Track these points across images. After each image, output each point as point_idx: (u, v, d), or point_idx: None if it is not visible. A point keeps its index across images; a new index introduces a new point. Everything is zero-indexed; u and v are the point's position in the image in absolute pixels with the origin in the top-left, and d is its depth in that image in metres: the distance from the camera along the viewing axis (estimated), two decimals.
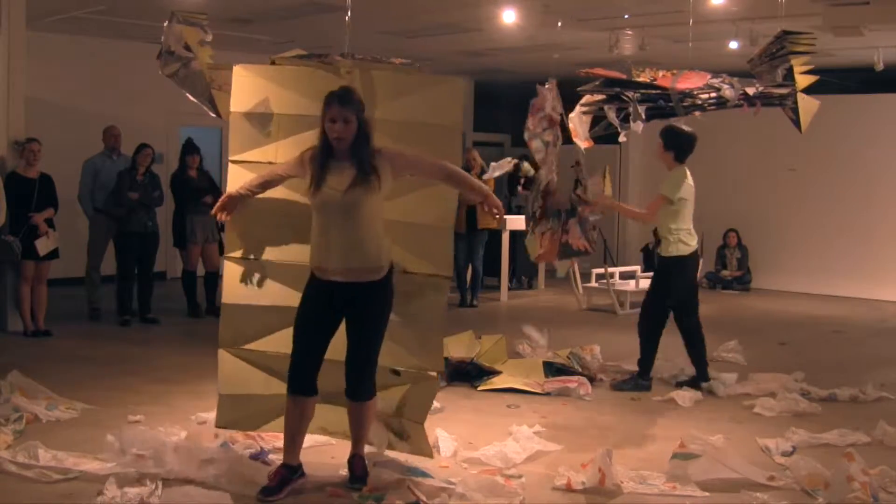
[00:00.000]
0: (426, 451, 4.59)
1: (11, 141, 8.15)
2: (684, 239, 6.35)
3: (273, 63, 4.76)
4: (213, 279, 9.31)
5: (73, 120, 10.82)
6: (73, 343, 7.83)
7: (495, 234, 10.76)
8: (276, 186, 4.47)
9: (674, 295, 6.46)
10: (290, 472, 4.26)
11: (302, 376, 4.22)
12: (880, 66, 10.33)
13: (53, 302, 8.44)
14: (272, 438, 4.84)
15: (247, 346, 4.60)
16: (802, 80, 5.90)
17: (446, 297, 4.59)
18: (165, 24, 4.95)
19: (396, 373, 4.56)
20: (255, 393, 4.64)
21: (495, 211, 4.35)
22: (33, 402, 5.48)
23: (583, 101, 6.50)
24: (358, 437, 4.40)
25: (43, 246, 7.99)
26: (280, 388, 4.40)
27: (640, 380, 6.50)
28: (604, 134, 6.69)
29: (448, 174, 4.35)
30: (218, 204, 4.51)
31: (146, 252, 8.82)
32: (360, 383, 4.28)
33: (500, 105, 15.44)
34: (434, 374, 4.56)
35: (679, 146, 6.39)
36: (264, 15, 9.77)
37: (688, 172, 6.40)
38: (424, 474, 4.39)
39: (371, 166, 4.15)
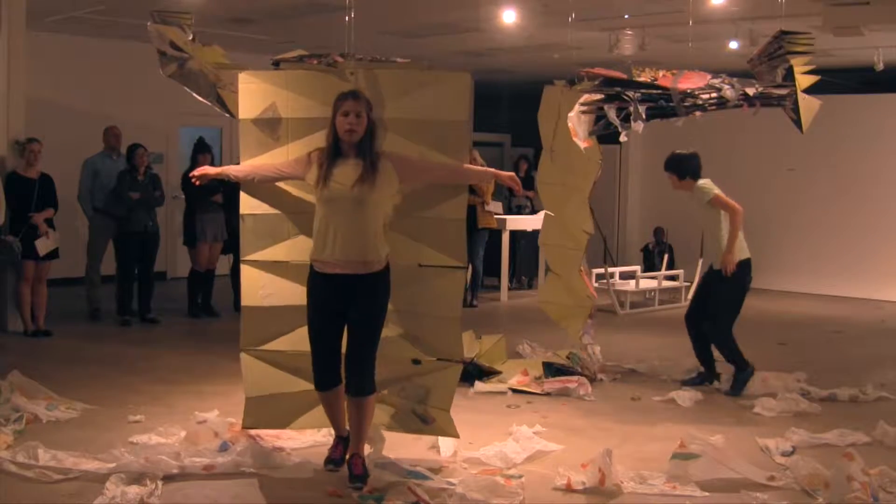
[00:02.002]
0: (452, 432, 4.66)
1: (11, 141, 8.14)
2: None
3: (274, 63, 4.76)
4: (211, 277, 9.31)
5: (73, 120, 10.80)
6: (73, 343, 7.83)
7: (495, 234, 10.76)
8: (270, 182, 4.58)
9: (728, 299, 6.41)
10: (345, 441, 4.57)
11: (327, 372, 4.40)
12: (880, 66, 10.32)
13: (53, 302, 8.44)
14: (272, 438, 4.87)
15: (268, 347, 4.67)
16: (803, 80, 5.89)
17: (462, 286, 4.70)
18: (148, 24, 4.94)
19: (417, 362, 4.64)
20: (279, 392, 4.71)
21: (511, 183, 4.71)
22: (33, 402, 5.49)
23: (582, 100, 6.49)
24: (358, 436, 4.43)
25: (43, 246, 7.99)
26: (302, 384, 4.58)
27: (742, 374, 6.39)
28: (603, 133, 6.68)
29: (455, 172, 4.56)
30: (200, 170, 4.75)
31: (146, 252, 8.81)
32: (362, 377, 4.37)
33: (500, 105, 15.41)
34: (455, 362, 4.64)
35: (691, 169, 6.51)
36: (264, 15, 9.76)
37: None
38: (425, 476, 4.38)
39: (376, 164, 4.29)
